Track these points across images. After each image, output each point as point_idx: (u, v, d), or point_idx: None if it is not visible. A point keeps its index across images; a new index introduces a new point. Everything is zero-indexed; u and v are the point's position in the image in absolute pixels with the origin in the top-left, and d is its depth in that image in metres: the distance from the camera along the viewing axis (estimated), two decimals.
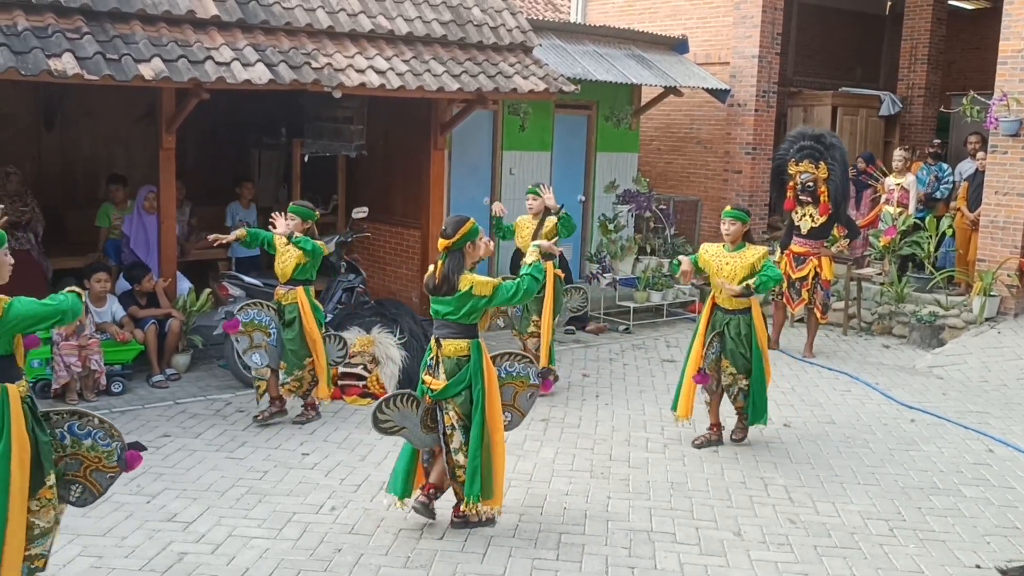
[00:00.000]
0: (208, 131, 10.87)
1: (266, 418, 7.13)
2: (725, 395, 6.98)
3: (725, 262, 6.75)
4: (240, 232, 7.32)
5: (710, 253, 6.89)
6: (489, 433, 5.19)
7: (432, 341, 5.35)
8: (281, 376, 7.15)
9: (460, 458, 5.25)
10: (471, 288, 5.17)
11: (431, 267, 5.36)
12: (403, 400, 5.25)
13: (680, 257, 6.83)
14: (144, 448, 4.36)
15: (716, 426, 7.05)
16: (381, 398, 5.28)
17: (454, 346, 5.24)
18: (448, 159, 10.64)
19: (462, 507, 5.31)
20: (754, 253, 6.73)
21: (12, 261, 4.18)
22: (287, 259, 7.06)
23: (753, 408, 6.90)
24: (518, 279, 5.31)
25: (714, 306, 6.88)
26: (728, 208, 6.88)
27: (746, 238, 6.82)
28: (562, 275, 8.42)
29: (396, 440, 6.79)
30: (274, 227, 7.04)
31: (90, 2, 7.58)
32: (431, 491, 5.42)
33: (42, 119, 10.45)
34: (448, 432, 5.26)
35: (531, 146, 11.73)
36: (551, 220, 8.11)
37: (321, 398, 7.26)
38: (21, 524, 3.92)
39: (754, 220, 13.54)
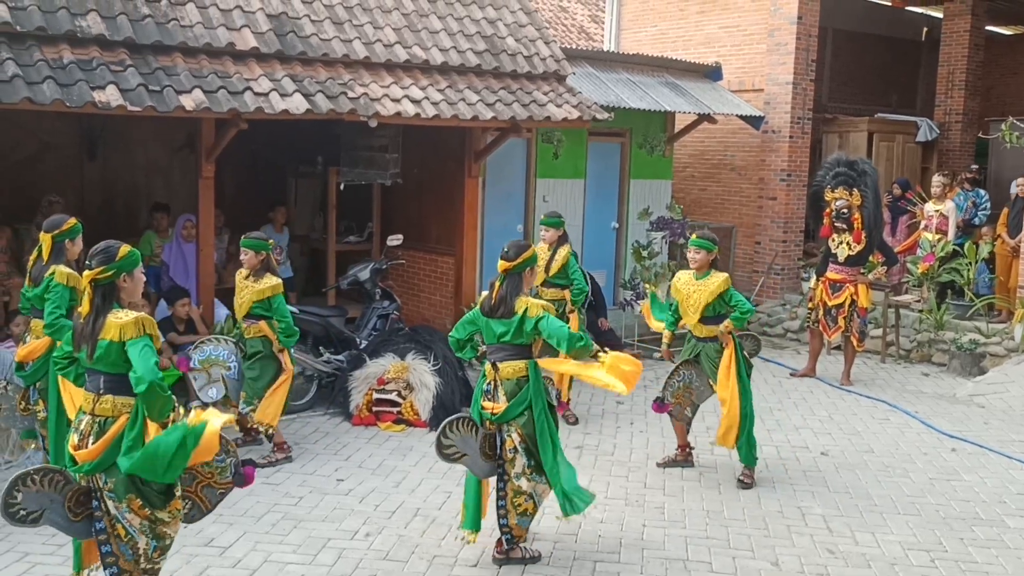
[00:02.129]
0: (246, 160, 11.04)
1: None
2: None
3: (693, 290, 6.69)
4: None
5: (682, 281, 6.80)
6: (560, 466, 5.23)
7: (487, 366, 5.32)
8: (241, 406, 6.98)
9: (523, 483, 5.22)
10: (526, 310, 5.18)
11: (485, 291, 5.40)
12: (463, 424, 5.22)
13: (642, 302, 6.93)
14: (258, 465, 4.43)
15: (684, 447, 7.10)
16: (445, 422, 5.19)
17: (512, 367, 5.23)
18: (482, 187, 10.70)
19: (503, 541, 5.31)
20: (715, 280, 6.64)
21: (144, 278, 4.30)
22: (244, 296, 6.89)
23: (747, 447, 6.73)
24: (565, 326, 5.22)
25: (690, 333, 6.85)
26: (694, 237, 6.81)
27: (713, 265, 6.76)
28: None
29: (430, 466, 6.86)
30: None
31: (133, 35, 7.76)
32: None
33: (85, 150, 10.67)
34: (510, 456, 5.22)
35: (565, 174, 11.77)
36: (563, 251, 8.01)
37: (260, 421, 6.83)
38: None
39: (789, 247, 13.57)
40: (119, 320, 4.03)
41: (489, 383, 5.29)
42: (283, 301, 6.87)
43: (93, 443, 4.04)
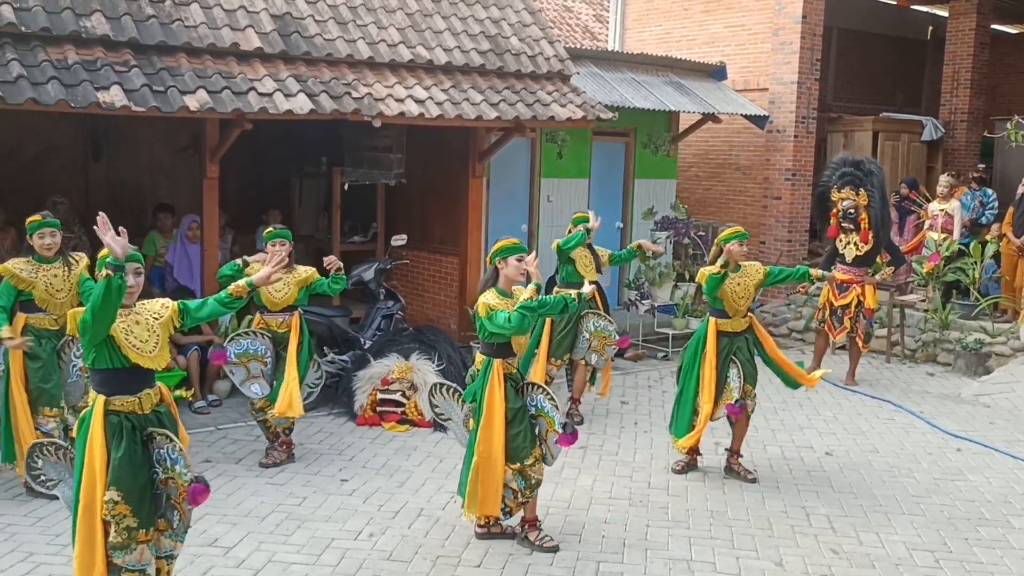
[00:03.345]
0: (250, 161, 11.04)
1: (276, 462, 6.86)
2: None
3: (736, 283, 6.73)
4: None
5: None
6: (476, 445, 5.36)
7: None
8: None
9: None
10: (477, 309, 5.43)
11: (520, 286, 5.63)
12: (450, 392, 5.70)
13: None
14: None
15: (695, 451, 7.04)
16: (435, 382, 5.76)
17: (477, 359, 5.55)
18: (486, 187, 10.70)
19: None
20: (754, 266, 6.98)
21: (131, 283, 4.18)
22: (287, 288, 6.81)
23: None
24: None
25: (719, 333, 6.72)
26: (735, 231, 6.84)
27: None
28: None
29: (434, 467, 6.86)
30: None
31: (138, 36, 7.78)
32: (525, 526, 5.57)
33: (89, 150, 10.68)
34: None
35: (569, 173, 11.76)
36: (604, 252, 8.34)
37: (280, 414, 6.67)
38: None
39: (794, 247, 13.55)
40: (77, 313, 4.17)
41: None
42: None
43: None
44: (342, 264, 7.01)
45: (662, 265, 11.66)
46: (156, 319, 4.31)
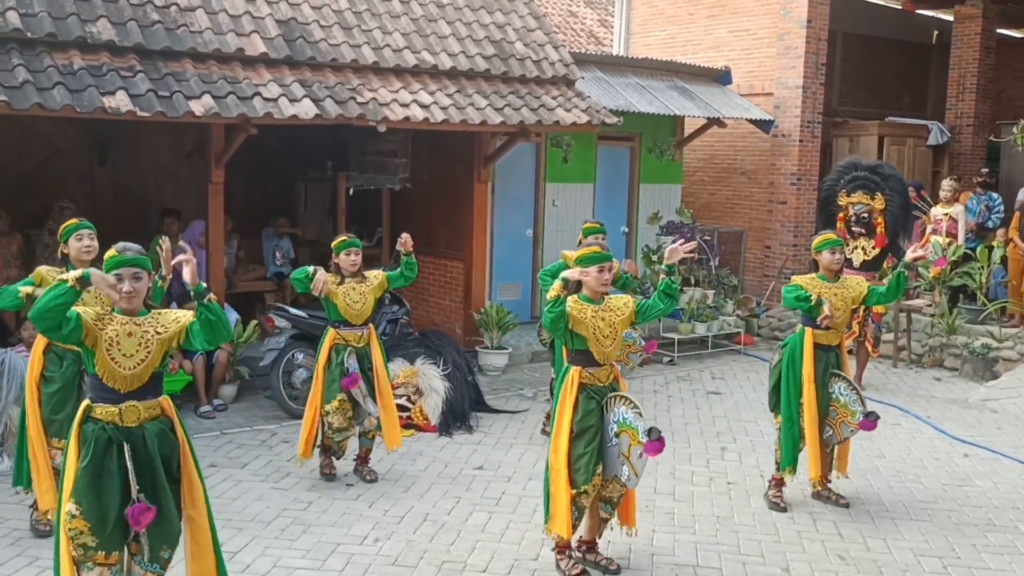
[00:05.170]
0: (256, 166, 11.06)
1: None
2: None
3: (835, 295, 6.25)
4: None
5: (823, 289, 6.25)
6: (549, 455, 5.07)
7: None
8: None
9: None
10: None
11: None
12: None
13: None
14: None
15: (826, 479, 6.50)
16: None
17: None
18: (491, 191, 10.70)
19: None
20: (853, 280, 6.45)
21: (128, 289, 3.95)
22: (366, 299, 6.50)
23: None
24: None
25: (816, 346, 6.18)
26: (829, 237, 6.40)
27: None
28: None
29: (439, 471, 6.84)
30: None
31: (143, 41, 7.79)
32: (582, 548, 5.31)
33: (95, 155, 10.70)
34: None
35: (574, 178, 11.76)
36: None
37: (391, 448, 6.55)
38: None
39: (800, 251, 13.52)
40: None
41: None
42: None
43: None
44: (413, 244, 6.57)
45: None
46: (159, 334, 3.99)
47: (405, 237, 6.51)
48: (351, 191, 10.23)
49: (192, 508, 4.08)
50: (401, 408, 7.93)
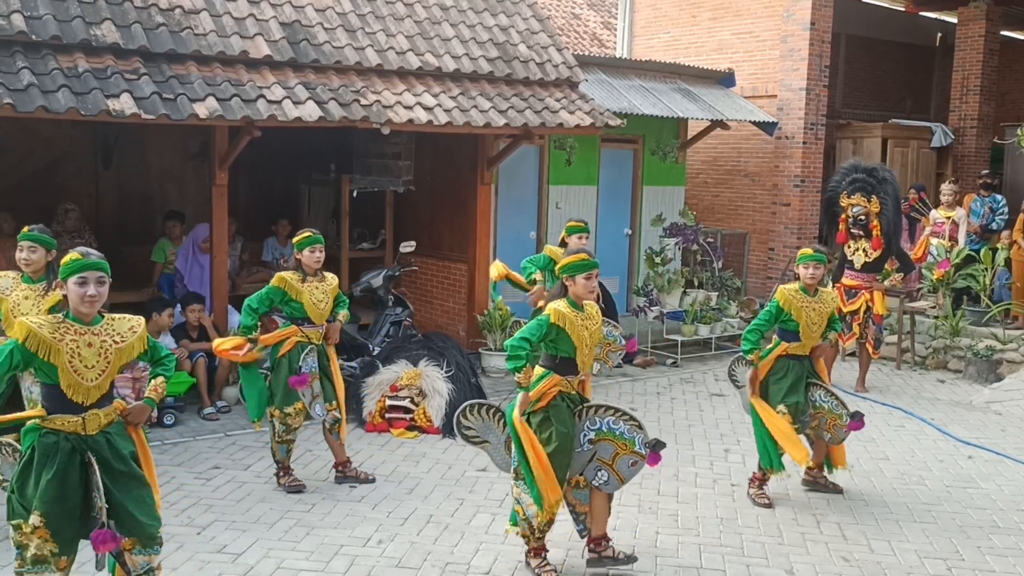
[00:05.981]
0: (259, 168, 11.08)
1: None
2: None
3: (812, 310, 6.30)
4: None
5: (797, 301, 6.31)
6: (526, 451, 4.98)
7: None
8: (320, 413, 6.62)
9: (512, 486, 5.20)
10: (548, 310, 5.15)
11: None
12: (488, 412, 5.30)
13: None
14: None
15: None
16: (469, 403, 5.34)
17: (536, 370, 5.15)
18: (495, 193, 10.71)
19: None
20: (830, 295, 6.50)
21: (92, 293, 3.87)
22: (327, 297, 6.54)
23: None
24: None
25: (788, 355, 6.36)
26: (809, 251, 6.41)
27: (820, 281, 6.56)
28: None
29: (442, 473, 6.84)
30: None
31: (148, 44, 7.81)
32: (593, 545, 5.27)
33: (100, 158, 10.73)
34: None
35: (577, 180, 11.76)
36: None
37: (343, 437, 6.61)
38: None
39: None
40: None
41: None
42: None
43: None
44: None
45: (671, 272, 11.65)
46: (116, 343, 3.93)
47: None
48: (355, 193, 10.24)
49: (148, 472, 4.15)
50: (404, 410, 7.95)
